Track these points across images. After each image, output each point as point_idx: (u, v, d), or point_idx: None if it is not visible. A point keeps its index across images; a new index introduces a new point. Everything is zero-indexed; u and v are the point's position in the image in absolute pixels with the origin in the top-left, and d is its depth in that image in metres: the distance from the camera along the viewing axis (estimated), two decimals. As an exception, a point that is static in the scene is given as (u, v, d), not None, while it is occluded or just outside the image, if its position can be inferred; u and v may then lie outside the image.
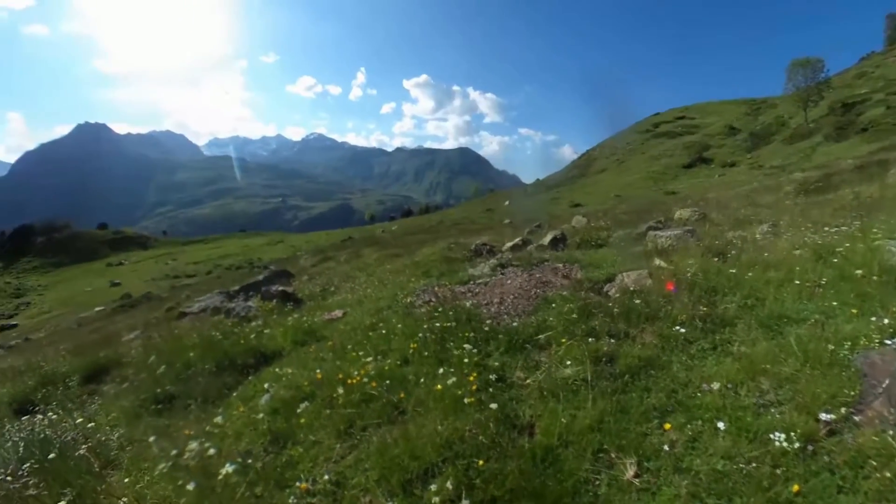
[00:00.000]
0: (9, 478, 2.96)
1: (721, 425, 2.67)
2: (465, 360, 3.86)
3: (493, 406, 3.15)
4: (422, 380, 3.76)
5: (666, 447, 2.66)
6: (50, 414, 4.38)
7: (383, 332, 5.13)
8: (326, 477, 2.92)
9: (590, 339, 3.97)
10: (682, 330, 3.94)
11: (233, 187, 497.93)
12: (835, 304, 3.86)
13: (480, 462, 2.72)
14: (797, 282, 4.39)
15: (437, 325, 4.68)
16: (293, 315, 7.30)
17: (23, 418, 4.45)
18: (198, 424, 3.77)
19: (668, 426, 2.81)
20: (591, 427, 2.93)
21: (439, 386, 3.47)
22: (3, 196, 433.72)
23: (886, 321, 3.23)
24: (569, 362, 3.69)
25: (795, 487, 2.22)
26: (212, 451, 2.83)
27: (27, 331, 22.80)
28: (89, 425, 4.08)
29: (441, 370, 3.75)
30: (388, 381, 3.80)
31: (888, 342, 3.00)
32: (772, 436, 2.49)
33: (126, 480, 3.23)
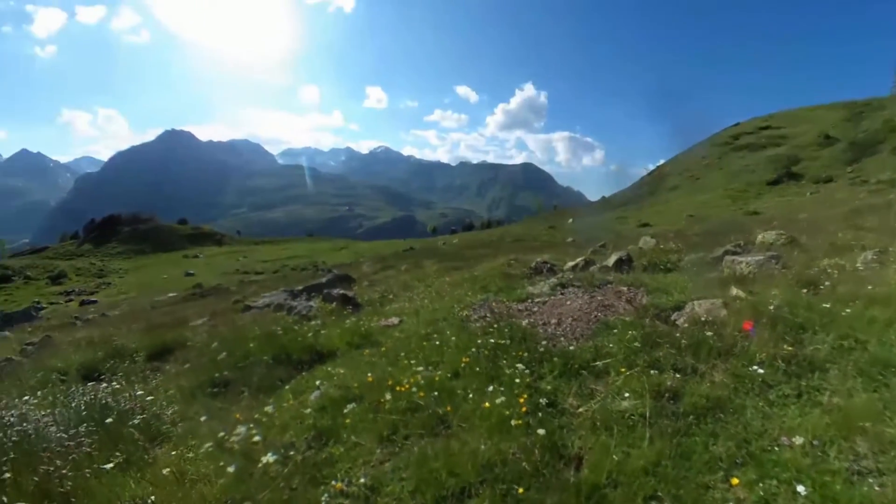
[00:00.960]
0: (67, 435, 3.30)
1: (801, 489, 2.37)
2: (517, 381, 3.80)
3: (541, 432, 3.06)
4: (470, 395, 3.74)
5: (730, 505, 2.40)
6: (114, 383, 4.77)
7: (437, 343, 5.20)
8: (363, 480, 2.97)
9: (652, 372, 3.74)
10: (761, 371, 3.57)
11: (303, 194, 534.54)
12: (960, 352, 3.33)
13: (521, 490, 2.64)
14: (910, 322, 3.85)
15: (491, 341, 4.69)
16: (351, 318, 7.65)
17: (88, 384, 4.93)
18: (248, 411, 4.02)
19: (735, 481, 2.53)
20: (646, 469, 2.72)
21: (487, 404, 3.44)
22: (97, 189, 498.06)
23: None
24: (627, 394, 3.49)
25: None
26: (257, 438, 3.00)
27: (105, 308, 25.65)
28: (148, 398, 4.42)
29: (491, 388, 3.72)
30: (436, 393, 3.83)
31: None
32: (867, 512, 2.16)
33: (173, 453, 3.47)
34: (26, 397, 4.13)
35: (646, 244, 12.38)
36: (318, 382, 4.71)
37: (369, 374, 4.47)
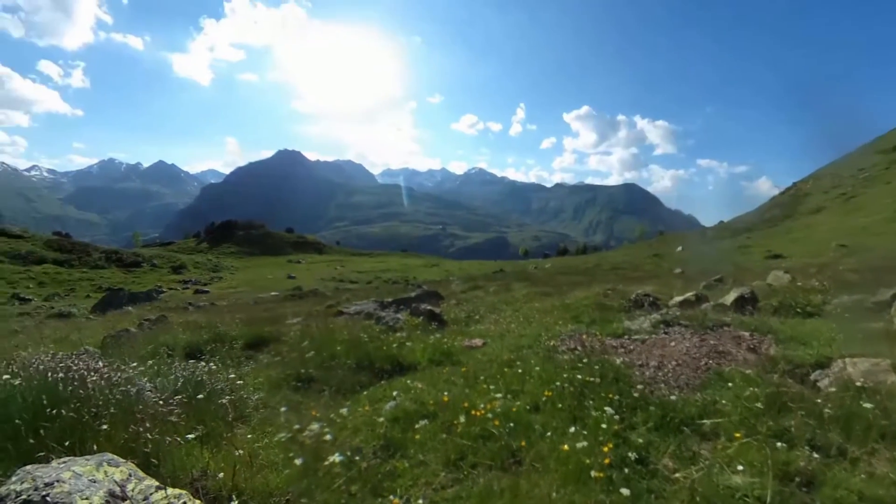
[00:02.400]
0: (161, 402, 3.71)
1: None
2: (603, 426, 3.50)
3: (625, 492, 2.75)
4: (548, 433, 3.55)
5: None
6: (211, 364, 5.30)
7: (519, 371, 5.09)
8: (421, 502, 2.88)
9: (779, 444, 3.13)
10: (952, 469, 2.75)
11: (400, 212, 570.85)
12: None
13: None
14: None
15: (579, 377, 4.47)
16: (435, 335, 7.84)
17: (190, 361, 5.56)
18: (325, 410, 4.20)
19: None
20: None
21: (566, 446, 3.20)
22: (218, 197, 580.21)
23: None
24: (741, 467, 2.95)
25: None
26: (328, 437, 3.11)
27: (215, 298, 28.93)
28: (238, 382, 4.85)
29: (572, 429, 3.49)
30: (511, 424, 3.68)
31: None
32: None
33: (249, 436, 3.74)
34: (134, 364, 4.80)
35: (777, 280, 10.80)
36: (395, 393, 4.82)
37: (446, 394, 4.49)
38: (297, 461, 2.99)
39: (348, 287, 38.63)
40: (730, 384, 4.20)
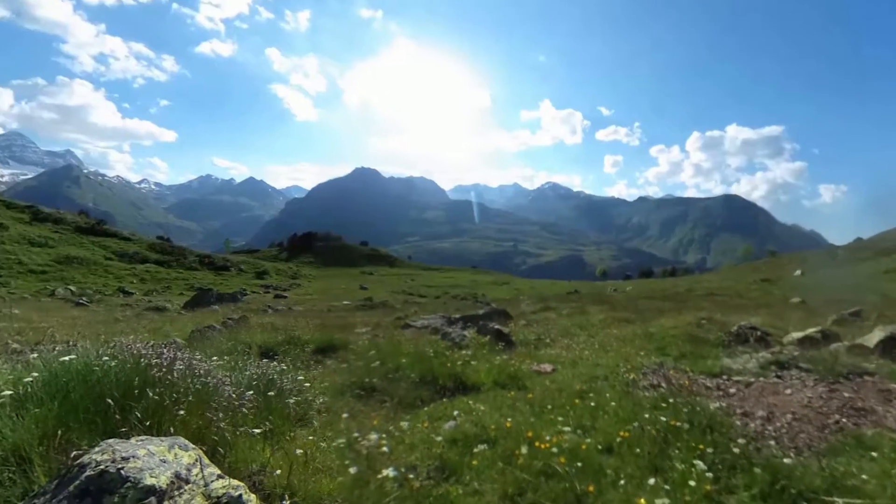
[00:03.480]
0: (234, 395, 3.97)
1: None
2: (692, 483, 3.08)
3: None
4: (622, 481, 3.22)
5: None
6: (283, 365, 5.69)
7: (592, 404, 4.83)
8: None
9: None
10: None
11: (470, 228, 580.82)
12: None
13: None
14: None
15: (662, 419, 4.10)
16: (502, 356, 7.73)
17: (264, 360, 5.94)
18: (385, 421, 4.25)
19: None
20: None
21: (643, 501, 2.88)
22: (301, 211, 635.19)
23: None
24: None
25: None
26: (385, 449, 3.11)
27: (292, 303, 30.82)
28: (305, 384, 5.11)
29: (652, 481, 3.14)
30: (579, 463, 3.42)
31: None
32: None
33: (310, 438, 3.84)
34: (215, 358, 5.23)
35: (946, 316, 9.00)
36: (455, 413, 4.75)
37: (509, 420, 4.35)
38: (352, 469, 3.00)
39: (417, 301, 39.29)
40: (873, 453, 3.48)
